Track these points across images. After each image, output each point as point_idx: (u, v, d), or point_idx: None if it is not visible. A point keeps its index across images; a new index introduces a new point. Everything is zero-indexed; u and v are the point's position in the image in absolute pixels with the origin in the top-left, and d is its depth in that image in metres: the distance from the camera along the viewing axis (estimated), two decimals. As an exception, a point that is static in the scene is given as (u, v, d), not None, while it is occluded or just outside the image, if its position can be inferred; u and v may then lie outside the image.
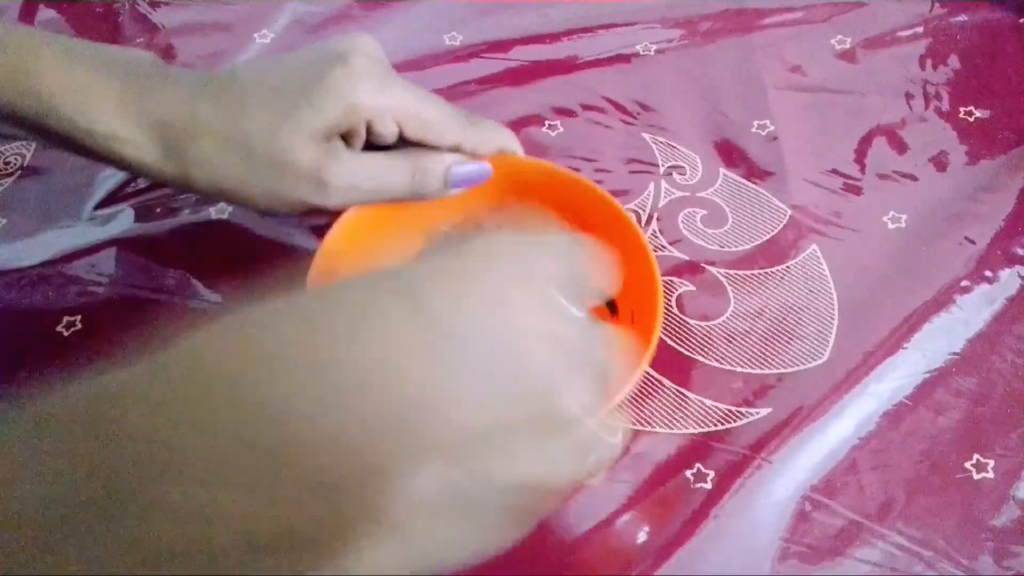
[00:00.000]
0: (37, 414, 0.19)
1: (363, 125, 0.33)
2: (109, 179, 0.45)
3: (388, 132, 0.33)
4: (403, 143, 0.35)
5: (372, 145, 0.34)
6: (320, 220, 0.42)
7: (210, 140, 0.32)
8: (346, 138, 0.33)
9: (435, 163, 0.35)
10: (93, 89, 0.32)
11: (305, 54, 0.33)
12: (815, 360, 0.38)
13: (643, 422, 0.36)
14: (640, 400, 0.37)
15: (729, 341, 0.39)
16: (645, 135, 0.47)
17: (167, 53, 0.52)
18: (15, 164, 0.46)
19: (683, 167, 0.45)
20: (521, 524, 0.21)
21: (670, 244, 0.42)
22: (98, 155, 0.33)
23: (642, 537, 0.34)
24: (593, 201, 0.37)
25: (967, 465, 0.35)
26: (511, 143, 0.37)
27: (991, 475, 0.35)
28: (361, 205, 0.36)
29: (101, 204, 0.44)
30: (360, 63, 0.32)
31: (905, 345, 0.38)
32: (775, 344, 0.39)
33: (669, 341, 0.39)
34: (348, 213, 0.36)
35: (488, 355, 0.20)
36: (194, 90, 0.33)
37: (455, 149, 0.35)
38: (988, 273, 0.40)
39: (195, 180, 0.33)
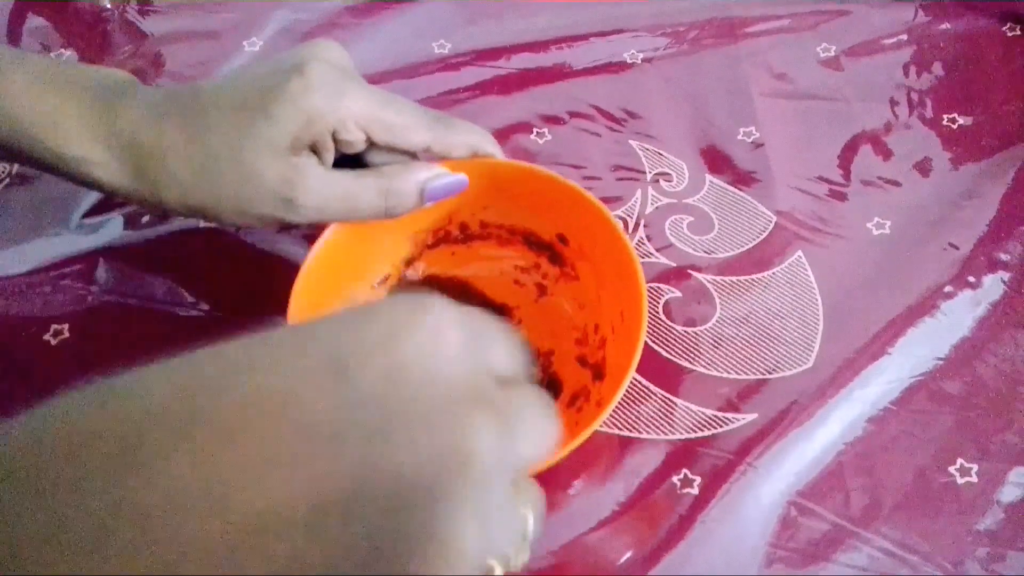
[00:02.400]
0: None
1: (327, 135, 0.32)
2: (97, 187, 0.45)
3: (354, 139, 0.33)
4: (375, 149, 0.34)
5: (345, 156, 0.34)
6: (304, 230, 0.42)
7: (176, 161, 0.32)
8: (315, 151, 0.33)
9: (407, 183, 0.34)
10: (64, 113, 0.32)
11: (264, 66, 0.33)
12: (801, 365, 0.38)
13: (630, 428, 0.37)
14: (627, 406, 0.37)
15: (715, 347, 0.39)
16: (632, 142, 0.47)
17: (156, 61, 0.52)
18: (3, 173, 0.46)
19: (670, 174, 0.45)
20: None
21: (657, 251, 0.42)
22: (71, 178, 0.33)
23: (630, 543, 0.34)
24: (577, 203, 0.37)
25: (951, 470, 0.35)
26: (486, 144, 0.36)
27: (975, 479, 0.35)
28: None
29: (89, 213, 0.44)
30: (316, 72, 0.31)
31: (890, 350, 0.38)
32: (761, 350, 0.39)
33: (656, 347, 0.39)
34: (333, 224, 0.36)
35: (377, 399, 0.18)
36: (160, 110, 0.32)
37: (425, 150, 0.35)
38: (971, 279, 0.41)
39: (166, 201, 0.33)
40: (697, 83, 0.50)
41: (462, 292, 0.41)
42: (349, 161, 0.34)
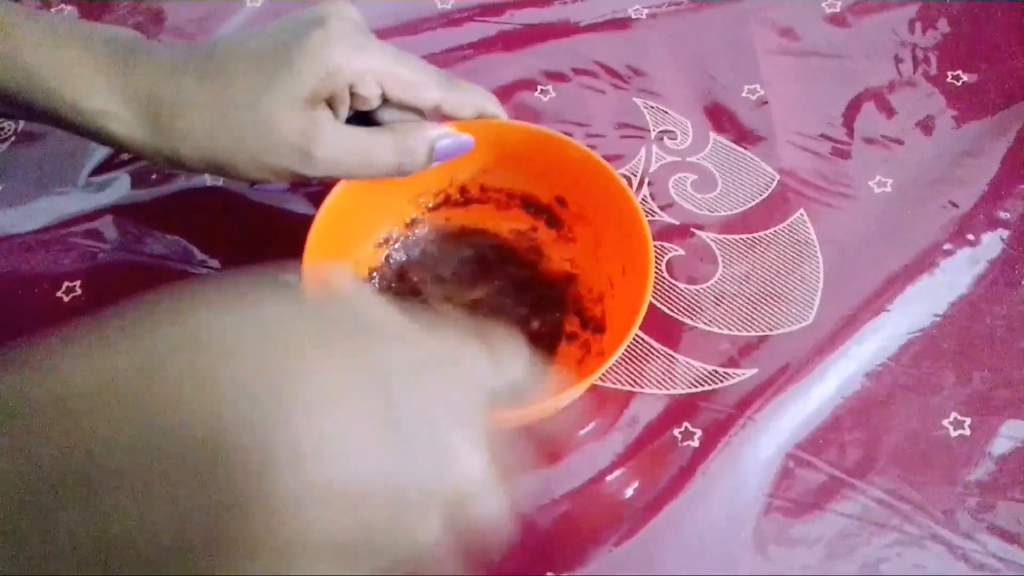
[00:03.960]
0: None
1: (345, 89, 0.33)
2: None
3: (370, 94, 0.33)
4: (386, 107, 0.35)
5: (358, 114, 0.34)
6: (312, 187, 0.42)
7: (195, 113, 0.32)
8: (331, 105, 0.33)
9: (419, 140, 0.35)
10: (80, 66, 0.32)
11: (284, 22, 0.33)
12: (800, 322, 0.39)
13: (633, 383, 0.38)
14: (630, 361, 0.38)
15: (717, 304, 0.40)
16: (636, 100, 0.47)
17: (156, 17, 0.52)
18: (9, 130, 0.46)
19: (674, 132, 0.46)
20: (374, 566, 0.22)
21: (661, 209, 0.43)
22: (86, 131, 0.33)
23: (632, 493, 0.35)
24: (581, 162, 0.37)
25: (945, 423, 0.36)
26: (493, 106, 0.37)
27: (967, 432, 0.36)
28: (347, 180, 0.36)
29: (97, 170, 0.44)
30: (336, 26, 0.32)
31: (888, 307, 0.39)
32: (762, 307, 0.39)
33: (658, 304, 0.40)
34: (341, 182, 0.36)
35: (407, 419, 0.21)
36: (177, 64, 0.33)
37: (436, 109, 0.35)
38: (971, 236, 0.41)
39: (183, 154, 0.33)
40: (702, 40, 0.49)
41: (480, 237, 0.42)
42: (358, 120, 0.34)
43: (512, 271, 0.40)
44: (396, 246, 0.41)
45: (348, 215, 0.37)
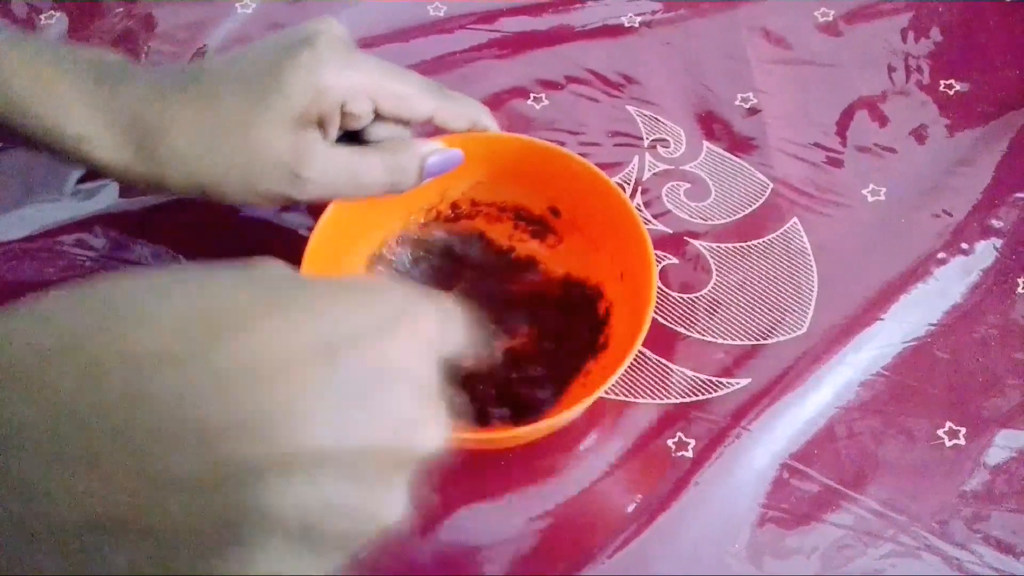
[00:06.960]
0: None
1: (336, 109, 0.32)
2: (92, 152, 0.44)
3: (362, 111, 0.33)
4: (375, 124, 0.34)
5: (348, 134, 0.34)
6: (303, 207, 0.42)
7: (182, 135, 0.31)
8: (321, 126, 0.33)
9: (409, 158, 0.34)
10: (62, 90, 0.31)
11: (271, 42, 0.33)
12: (795, 331, 0.39)
13: (627, 393, 0.37)
14: (624, 372, 0.38)
15: (711, 313, 0.39)
16: (630, 108, 0.47)
17: (147, 23, 0.51)
18: (-4, 137, 0.46)
19: (667, 140, 0.45)
20: (340, 555, 0.20)
21: (654, 218, 0.42)
22: (70, 157, 0.32)
23: (626, 504, 0.35)
24: (576, 173, 0.37)
25: (940, 433, 0.36)
26: (485, 118, 0.37)
27: (963, 442, 0.36)
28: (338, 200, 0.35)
29: (84, 178, 0.44)
30: (325, 44, 0.32)
31: (882, 316, 0.39)
32: (756, 316, 0.39)
33: (652, 313, 0.39)
34: (334, 202, 0.36)
35: (361, 384, 0.20)
36: (163, 86, 0.32)
37: (428, 120, 0.35)
38: (964, 245, 0.41)
39: (169, 178, 0.32)
40: (695, 48, 0.49)
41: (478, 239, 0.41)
42: (347, 140, 0.34)
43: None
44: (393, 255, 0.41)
45: (340, 234, 0.37)
